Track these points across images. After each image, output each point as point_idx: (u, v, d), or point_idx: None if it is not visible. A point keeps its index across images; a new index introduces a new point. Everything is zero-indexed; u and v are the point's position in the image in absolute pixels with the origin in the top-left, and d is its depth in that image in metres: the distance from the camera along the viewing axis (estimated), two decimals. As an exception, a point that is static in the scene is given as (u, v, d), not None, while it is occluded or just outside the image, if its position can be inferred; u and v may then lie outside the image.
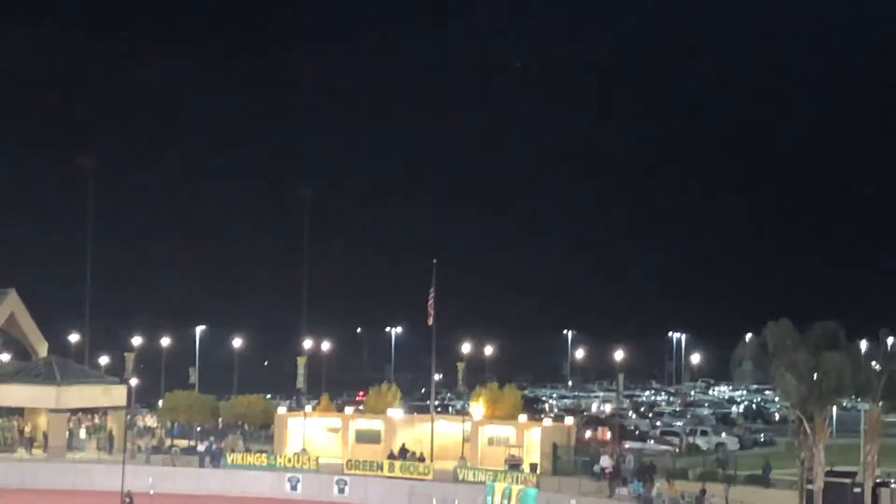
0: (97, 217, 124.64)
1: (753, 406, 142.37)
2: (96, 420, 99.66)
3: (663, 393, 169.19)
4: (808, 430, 62.11)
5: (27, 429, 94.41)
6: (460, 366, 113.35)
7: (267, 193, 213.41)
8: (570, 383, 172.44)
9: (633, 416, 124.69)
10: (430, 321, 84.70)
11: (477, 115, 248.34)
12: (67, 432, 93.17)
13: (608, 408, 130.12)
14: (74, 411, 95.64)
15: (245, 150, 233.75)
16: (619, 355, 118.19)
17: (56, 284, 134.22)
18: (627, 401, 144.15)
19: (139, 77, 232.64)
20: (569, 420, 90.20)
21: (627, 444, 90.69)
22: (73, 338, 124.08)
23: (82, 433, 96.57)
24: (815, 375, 61.36)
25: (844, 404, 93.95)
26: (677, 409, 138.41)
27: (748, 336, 74.50)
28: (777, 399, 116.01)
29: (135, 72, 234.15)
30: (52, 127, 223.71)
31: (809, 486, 62.17)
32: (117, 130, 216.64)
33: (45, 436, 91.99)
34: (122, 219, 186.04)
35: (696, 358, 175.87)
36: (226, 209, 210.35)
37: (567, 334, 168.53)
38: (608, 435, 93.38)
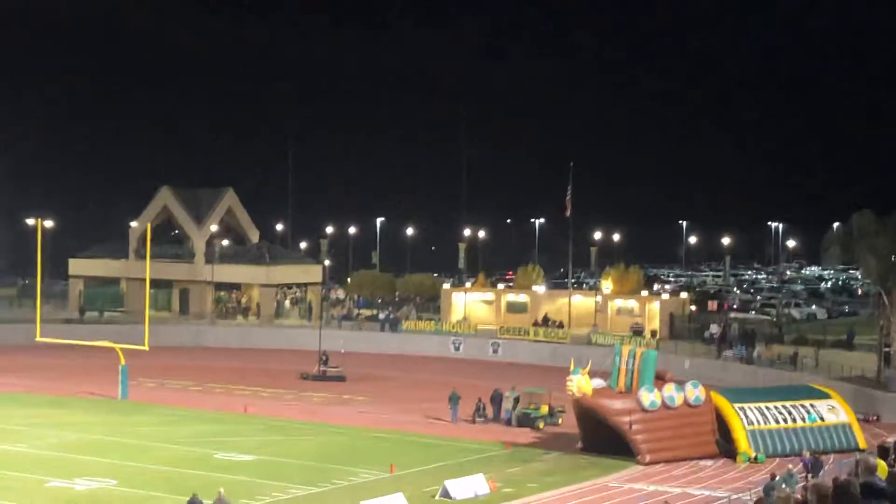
0: (301, 129, 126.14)
1: (840, 283, 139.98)
2: (298, 293, 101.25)
3: (763, 272, 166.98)
4: (887, 303, 60.98)
5: (243, 300, 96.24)
6: (593, 250, 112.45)
7: (435, 106, 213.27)
8: (684, 264, 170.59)
9: (738, 290, 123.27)
10: (568, 213, 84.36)
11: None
12: (275, 303, 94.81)
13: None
14: (280, 286, 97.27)
15: (419, 68, 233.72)
16: (725, 241, 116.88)
17: (266, 184, 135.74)
18: (733, 279, 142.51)
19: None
20: (683, 294, 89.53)
21: (733, 315, 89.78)
22: (279, 227, 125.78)
23: (287, 304, 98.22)
24: (893, 257, 60.17)
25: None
26: (775, 285, 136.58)
27: (836, 224, 73.10)
28: (860, 277, 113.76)
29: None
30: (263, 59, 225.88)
31: (886, 349, 61.15)
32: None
33: (258, 306, 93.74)
34: (320, 127, 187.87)
35: (791, 243, 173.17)
36: (403, 118, 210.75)
37: (682, 224, 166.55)
38: (717, 306, 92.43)
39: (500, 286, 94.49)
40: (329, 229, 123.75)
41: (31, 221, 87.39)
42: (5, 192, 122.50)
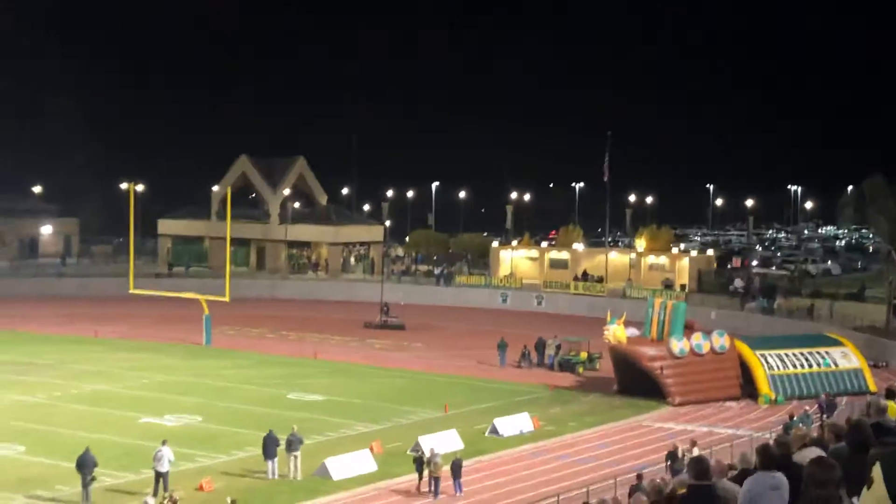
0: (364, 103, 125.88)
1: (853, 241, 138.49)
2: (362, 251, 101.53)
3: (783, 231, 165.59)
4: (896, 259, 60.43)
5: (313, 257, 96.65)
6: (628, 211, 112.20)
7: (479, 80, 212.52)
8: (711, 224, 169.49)
9: (760, 248, 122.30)
10: (606, 178, 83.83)
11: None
12: (342, 259, 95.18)
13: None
14: (346, 244, 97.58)
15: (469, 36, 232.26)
16: (749, 203, 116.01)
17: (333, 152, 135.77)
18: (756, 238, 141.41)
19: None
20: (710, 252, 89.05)
21: (755, 270, 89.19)
22: (345, 191, 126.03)
23: (352, 260, 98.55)
24: (902, 217, 59.70)
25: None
26: (793, 243, 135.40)
27: (850, 188, 72.43)
28: (871, 235, 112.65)
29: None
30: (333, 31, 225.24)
31: (895, 302, 60.61)
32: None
33: (326, 262, 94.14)
34: (380, 103, 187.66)
35: (808, 205, 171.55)
36: (456, 94, 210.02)
37: (709, 187, 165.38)
38: (740, 263, 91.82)
39: (544, 244, 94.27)
40: (389, 192, 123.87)
41: (124, 185, 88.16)
42: (101, 160, 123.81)
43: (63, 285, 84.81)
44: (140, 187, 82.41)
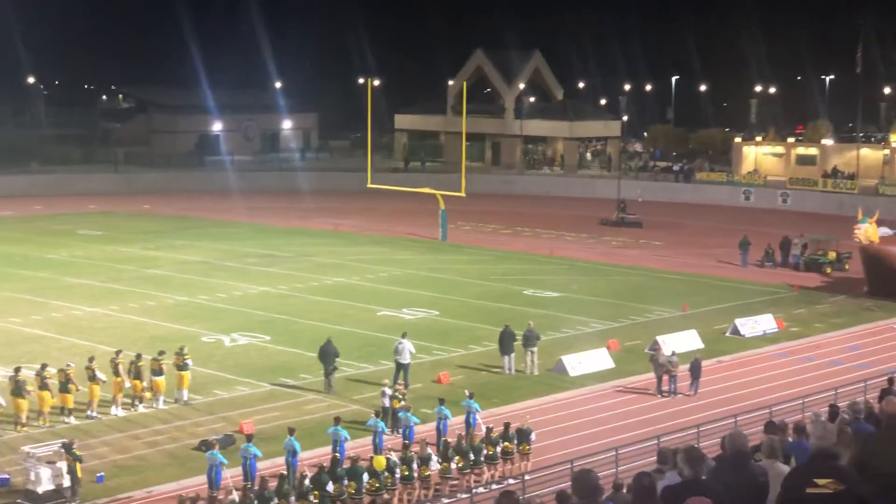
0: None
1: None
2: (598, 146, 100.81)
3: None
4: None
5: (548, 153, 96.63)
6: (882, 105, 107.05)
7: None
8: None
9: None
10: (858, 69, 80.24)
11: None
12: (577, 155, 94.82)
13: None
14: (583, 140, 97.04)
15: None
16: None
17: (571, 45, 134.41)
18: None
19: None
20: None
21: None
22: (581, 84, 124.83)
23: (588, 156, 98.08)
24: None
25: None
26: None
27: None
28: None
29: None
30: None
31: None
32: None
33: (562, 158, 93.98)
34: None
35: None
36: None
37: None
38: None
39: (790, 140, 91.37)
40: (627, 87, 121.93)
41: (361, 81, 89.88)
42: (340, 57, 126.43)
43: (302, 179, 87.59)
44: (377, 82, 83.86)
